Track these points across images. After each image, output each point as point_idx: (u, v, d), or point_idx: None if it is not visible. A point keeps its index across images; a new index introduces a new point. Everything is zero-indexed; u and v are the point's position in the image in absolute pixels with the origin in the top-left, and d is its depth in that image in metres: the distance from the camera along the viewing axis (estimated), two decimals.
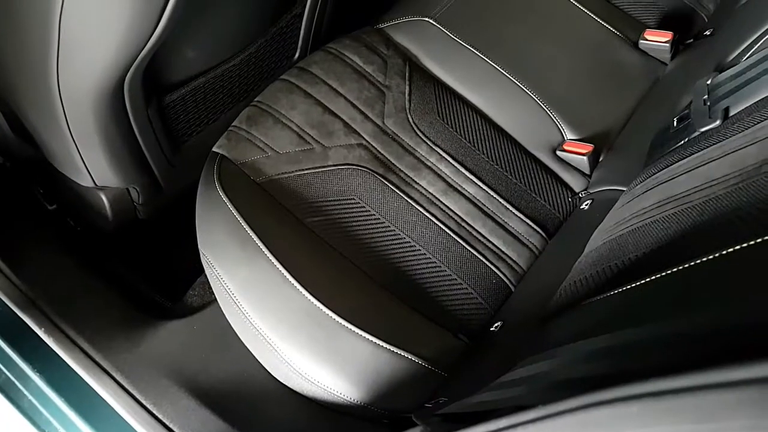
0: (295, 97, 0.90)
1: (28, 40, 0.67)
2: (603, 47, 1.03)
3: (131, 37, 0.65)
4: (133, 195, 0.93)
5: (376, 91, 0.92)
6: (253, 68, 1.00)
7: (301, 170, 0.85)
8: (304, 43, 1.07)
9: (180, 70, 0.85)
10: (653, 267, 0.50)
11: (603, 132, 0.95)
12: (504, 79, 0.96)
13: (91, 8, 0.61)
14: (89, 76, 0.69)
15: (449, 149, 0.89)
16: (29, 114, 0.82)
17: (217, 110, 0.98)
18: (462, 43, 0.98)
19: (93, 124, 0.76)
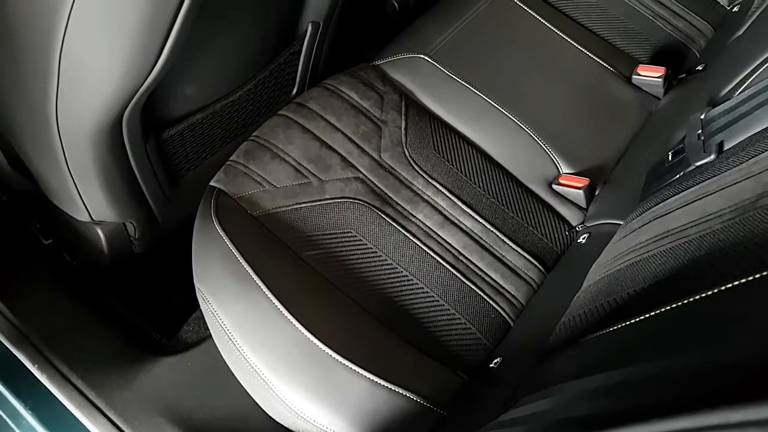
0: (293, 132, 0.91)
1: (28, 76, 0.68)
2: (596, 82, 1.05)
3: (130, 74, 0.65)
4: (130, 229, 0.93)
5: (372, 125, 0.93)
6: (251, 104, 1.01)
7: (298, 204, 0.85)
8: (302, 79, 1.08)
9: (178, 106, 0.86)
10: (652, 302, 0.49)
11: (598, 166, 0.95)
12: (498, 114, 0.97)
13: (91, 46, 0.62)
14: (88, 112, 0.69)
15: (446, 182, 0.89)
16: (28, 149, 0.82)
17: (214, 145, 0.99)
18: (457, 79, 0.99)
19: (91, 159, 0.76)
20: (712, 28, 1.16)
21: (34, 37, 0.63)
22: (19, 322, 0.84)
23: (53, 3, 0.58)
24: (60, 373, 0.81)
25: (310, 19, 0.99)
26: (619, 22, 1.14)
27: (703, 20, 1.16)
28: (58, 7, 0.58)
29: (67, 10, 0.58)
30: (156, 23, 0.61)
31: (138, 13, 0.60)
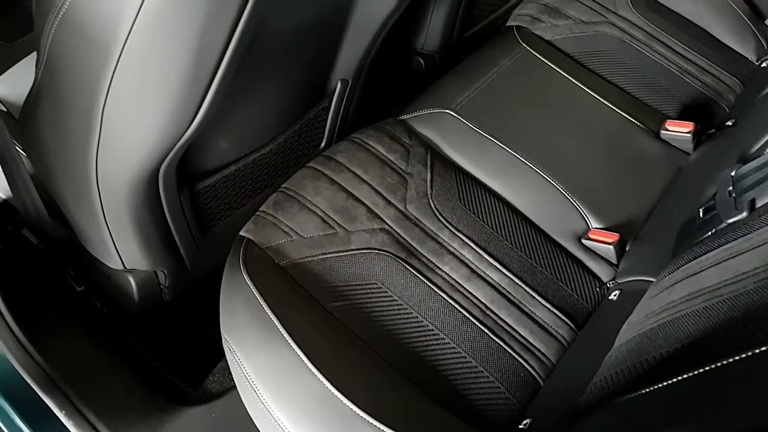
0: (321, 184, 0.92)
1: (71, 133, 0.71)
2: (624, 137, 1.05)
3: (167, 132, 0.68)
4: (160, 278, 0.94)
5: (398, 177, 0.94)
6: (281, 156, 1.04)
7: (324, 254, 0.85)
8: (330, 132, 1.11)
9: (213, 159, 0.89)
10: (685, 364, 0.48)
11: (628, 221, 0.95)
12: (526, 168, 0.97)
13: (133, 102, 0.65)
14: (126, 167, 0.72)
15: (472, 235, 0.89)
16: (66, 199, 0.85)
17: (245, 196, 1.01)
18: (483, 133, 1.00)
19: (127, 210, 0.78)
20: (740, 84, 1.16)
21: (78, 97, 0.66)
22: (49, 367, 0.85)
23: (97, 67, 0.62)
24: (87, 421, 0.81)
25: (340, 76, 1.02)
26: (645, 78, 1.14)
27: (732, 76, 1.17)
28: (101, 71, 0.62)
29: (110, 74, 0.61)
30: (193, 86, 0.64)
31: (176, 77, 0.63)
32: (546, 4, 1.21)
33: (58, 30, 0.63)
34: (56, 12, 0.62)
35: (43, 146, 0.80)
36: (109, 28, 0.59)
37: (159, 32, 0.59)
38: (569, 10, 1.20)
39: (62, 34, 0.63)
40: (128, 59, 0.60)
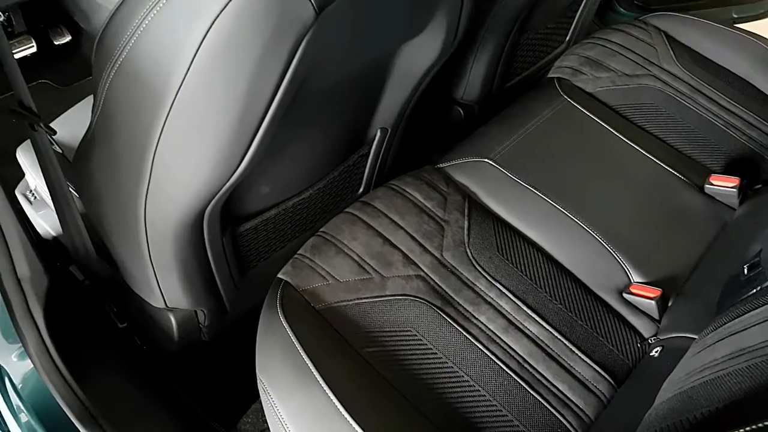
0: (358, 229, 0.93)
1: (122, 176, 0.75)
2: (667, 190, 1.04)
3: (214, 177, 0.70)
4: (200, 317, 0.96)
5: (435, 225, 0.95)
6: (320, 201, 1.06)
7: (359, 299, 0.86)
8: (368, 178, 1.13)
9: (255, 203, 0.91)
10: (727, 424, 0.46)
11: (671, 276, 0.92)
12: (565, 218, 0.97)
13: (182, 149, 0.68)
14: (173, 210, 0.75)
15: (509, 285, 0.88)
16: (114, 239, 0.88)
17: (284, 238, 1.03)
18: (522, 183, 1.00)
19: (172, 251, 0.81)
20: None
21: (132, 142, 0.69)
22: (89, 403, 0.87)
23: (150, 115, 0.65)
24: None
25: (380, 125, 1.04)
26: (689, 131, 1.13)
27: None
28: (154, 119, 0.65)
29: (162, 122, 0.64)
30: (240, 135, 0.67)
31: (224, 127, 0.65)
32: (588, 57, 1.22)
33: (115, 78, 0.67)
34: (113, 61, 0.66)
35: (95, 188, 0.84)
36: (162, 78, 0.62)
37: (209, 84, 0.62)
38: (611, 63, 1.21)
39: (118, 82, 0.67)
40: (179, 109, 0.63)
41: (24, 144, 1.09)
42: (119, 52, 0.64)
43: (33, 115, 0.79)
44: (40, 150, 0.83)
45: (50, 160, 0.83)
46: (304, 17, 0.61)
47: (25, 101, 0.80)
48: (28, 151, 1.07)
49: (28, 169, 1.08)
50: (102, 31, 0.66)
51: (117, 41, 0.64)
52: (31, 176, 1.08)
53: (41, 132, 0.80)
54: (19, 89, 0.79)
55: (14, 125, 1.48)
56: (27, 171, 1.09)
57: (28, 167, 1.08)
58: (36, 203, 1.10)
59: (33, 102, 0.80)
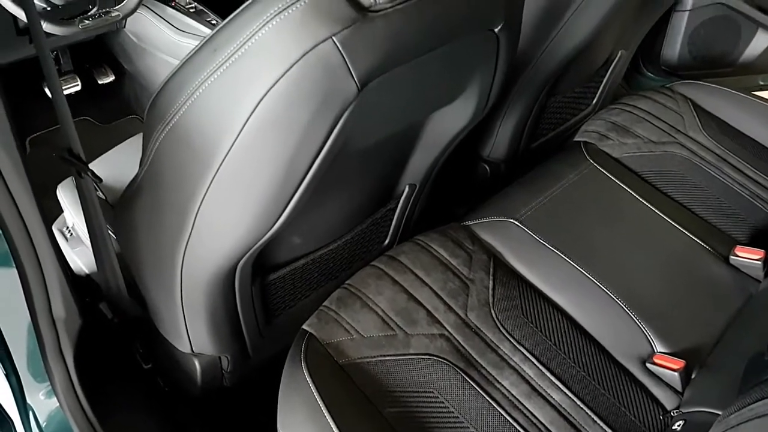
0: (383, 283, 0.95)
1: (164, 226, 0.78)
2: (692, 260, 1.04)
3: (252, 232, 0.73)
4: (224, 363, 0.98)
5: (460, 283, 0.96)
6: (347, 251, 1.08)
7: (382, 356, 0.87)
8: (395, 231, 1.15)
9: (285, 253, 0.94)
10: None
11: (695, 348, 0.92)
12: (590, 284, 0.98)
13: (224, 207, 0.71)
14: (210, 260, 0.77)
15: (534, 350, 0.89)
16: (148, 282, 0.91)
17: (310, 288, 1.05)
18: (547, 245, 1.02)
19: (203, 298, 0.83)
20: None
21: (176, 199, 0.73)
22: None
23: (197, 175, 0.68)
24: None
25: (408, 181, 1.07)
26: (714, 200, 1.14)
27: None
28: (200, 179, 0.68)
29: (208, 182, 0.67)
30: (280, 195, 0.70)
31: (265, 188, 0.68)
32: (614, 122, 1.24)
33: (165, 138, 0.70)
34: (166, 122, 0.69)
35: (135, 235, 0.87)
36: (211, 143, 0.65)
37: (255, 151, 0.65)
38: (638, 129, 1.23)
39: (169, 142, 0.70)
40: (226, 170, 0.66)
41: (65, 182, 1.13)
42: (172, 115, 0.68)
43: (81, 163, 0.82)
44: (85, 195, 0.86)
45: (93, 205, 0.86)
46: (348, 93, 0.64)
47: (74, 148, 0.83)
48: (68, 190, 1.11)
49: (67, 207, 1.12)
50: (157, 93, 0.70)
51: (171, 104, 0.67)
52: (70, 214, 1.11)
53: (87, 179, 0.84)
54: (69, 136, 0.83)
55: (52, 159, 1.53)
56: (66, 208, 1.12)
57: (68, 205, 1.11)
58: (72, 240, 1.14)
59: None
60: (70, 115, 0.85)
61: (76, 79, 1.52)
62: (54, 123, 1.54)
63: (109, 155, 1.17)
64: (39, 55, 0.81)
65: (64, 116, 0.82)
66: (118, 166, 1.12)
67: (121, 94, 1.67)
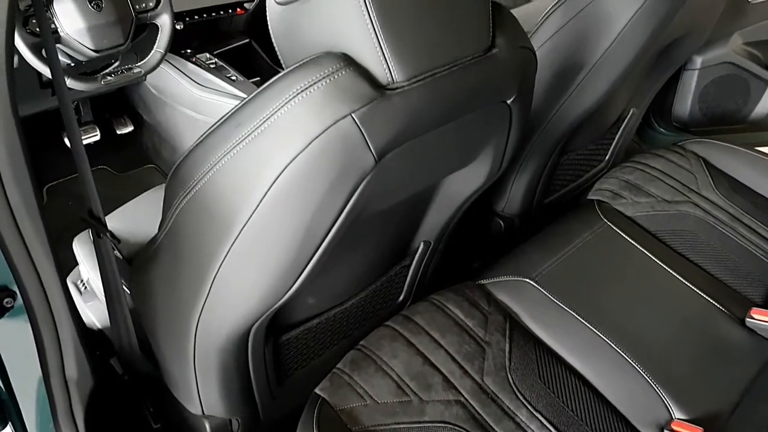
0: (398, 345, 0.94)
1: (181, 288, 0.78)
2: (707, 322, 1.03)
3: (268, 296, 0.73)
4: (234, 425, 0.96)
5: (476, 346, 0.95)
6: (361, 309, 1.08)
7: (397, 423, 0.86)
8: (409, 288, 1.14)
9: (299, 314, 0.93)
10: None
11: (712, 414, 0.91)
12: (607, 347, 0.97)
13: (241, 273, 0.71)
14: (225, 324, 0.77)
15: (551, 417, 0.87)
16: (161, 342, 0.90)
17: (323, 347, 1.04)
18: (563, 307, 1.01)
19: (216, 360, 0.82)
20: None
21: (195, 264, 0.73)
22: None
23: (216, 241, 0.69)
24: None
25: (423, 239, 1.07)
26: (729, 261, 1.14)
27: None
28: (219, 245, 0.69)
29: (227, 249, 0.68)
30: (296, 261, 0.70)
31: (283, 254, 0.69)
32: (627, 181, 1.25)
33: (187, 204, 0.71)
34: (188, 189, 0.70)
35: (152, 295, 0.87)
36: (232, 211, 0.66)
37: (274, 219, 0.66)
38: (651, 188, 1.23)
39: (190, 209, 0.71)
40: (244, 238, 0.67)
41: (81, 235, 1.14)
42: (195, 183, 0.69)
43: (101, 225, 0.83)
44: (102, 255, 0.87)
45: (111, 265, 0.87)
46: (365, 164, 0.65)
47: (95, 210, 0.84)
48: (84, 243, 1.12)
49: (82, 260, 1.13)
50: (181, 161, 0.71)
51: (194, 173, 0.69)
52: (85, 268, 1.12)
53: (106, 240, 0.85)
54: (90, 198, 0.84)
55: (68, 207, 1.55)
56: (81, 262, 1.13)
57: (83, 258, 1.12)
58: (86, 294, 1.14)
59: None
60: (91, 175, 0.86)
61: (96, 130, 1.54)
62: (71, 172, 1.57)
63: (125, 209, 1.19)
64: (61, 110, 0.83)
65: (85, 175, 0.83)
66: (135, 221, 1.13)
67: (139, 144, 1.69)
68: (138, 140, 1.69)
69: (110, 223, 0.93)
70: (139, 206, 1.19)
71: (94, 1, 1.19)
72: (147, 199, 1.19)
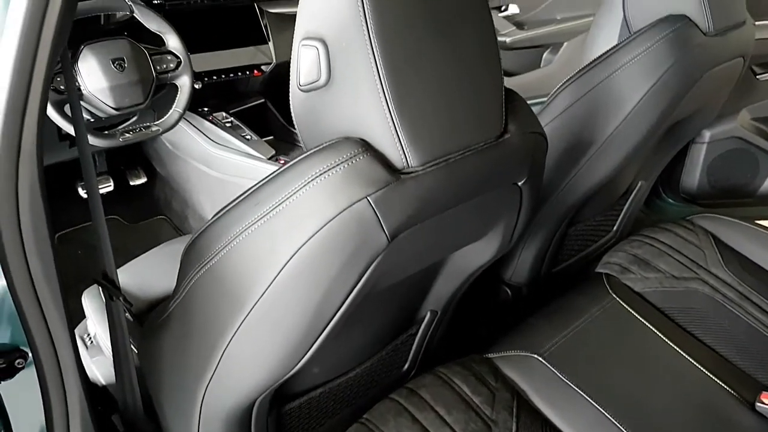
0: (403, 421, 0.93)
1: (190, 358, 0.78)
2: (716, 405, 1.02)
3: (276, 370, 0.73)
4: None
5: (482, 425, 0.94)
6: (365, 378, 1.07)
7: None
8: (414, 356, 1.14)
9: (303, 384, 0.93)
10: None
11: None
12: (615, 429, 0.95)
13: (251, 347, 0.72)
14: (231, 395, 0.77)
15: None
16: (166, 406, 0.90)
17: (326, 416, 1.03)
18: (571, 385, 1.00)
19: (219, 429, 0.82)
20: None
21: (205, 335, 0.74)
22: None
23: (228, 315, 0.70)
24: None
25: (430, 308, 1.07)
26: (738, 341, 1.13)
27: None
28: (231, 319, 0.69)
29: (238, 323, 0.69)
30: (306, 336, 0.71)
31: (293, 329, 0.69)
32: (635, 255, 1.25)
33: (201, 278, 0.72)
34: (204, 263, 0.71)
35: (160, 360, 0.87)
36: (246, 287, 0.67)
37: (287, 296, 0.66)
38: (660, 263, 1.23)
39: (204, 282, 0.72)
40: (256, 314, 0.67)
41: (91, 289, 1.15)
42: (211, 257, 0.70)
43: (115, 288, 0.84)
44: (113, 317, 0.87)
45: (121, 327, 0.87)
46: (378, 244, 0.66)
47: (109, 273, 0.85)
48: (93, 298, 1.12)
49: (90, 315, 1.13)
50: (198, 234, 0.72)
51: (211, 247, 0.70)
52: (93, 323, 1.12)
53: (118, 303, 0.85)
54: (105, 260, 0.85)
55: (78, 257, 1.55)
56: (89, 316, 1.13)
57: (92, 313, 1.12)
58: (92, 348, 1.14)
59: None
60: (108, 235, 0.87)
61: (110, 180, 1.57)
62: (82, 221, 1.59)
63: (135, 264, 1.19)
64: (82, 165, 0.85)
65: (101, 237, 0.84)
66: (145, 277, 1.14)
67: (151, 195, 1.72)
68: (150, 191, 1.71)
69: (120, 277, 0.94)
70: (150, 262, 1.20)
71: (118, 61, 1.23)
72: (157, 255, 1.20)
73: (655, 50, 1.04)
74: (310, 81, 0.66)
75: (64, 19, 0.67)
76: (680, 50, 1.05)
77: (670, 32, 1.05)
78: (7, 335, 0.81)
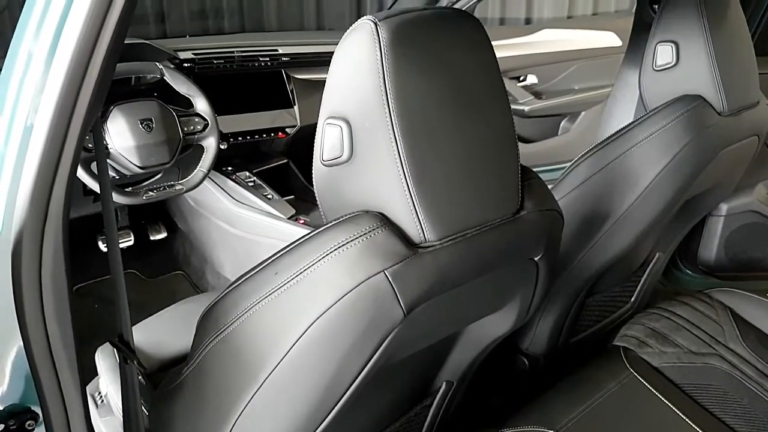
0: None
1: (202, 426, 0.78)
2: None
3: None
4: None
5: None
6: None
7: None
8: (429, 427, 1.11)
9: None
10: None
11: None
12: None
13: (263, 417, 0.71)
14: None
15: None
16: None
17: None
18: None
19: None
20: None
21: (218, 404, 0.73)
22: None
23: (241, 385, 0.70)
24: None
25: (445, 378, 1.06)
26: (756, 420, 1.10)
27: None
28: (244, 389, 0.69)
29: (251, 394, 0.69)
30: (320, 409, 0.70)
31: (306, 401, 0.69)
32: (653, 329, 1.24)
33: (216, 346, 0.73)
34: (219, 331, 0.72)
35: (171, 425, 0.86)
36: (260, 358, 0.67)
37: (301, 367, 0.66)
38: (677, 338, 1.21)
39: (219, 350, 0.73)
40: (270, 385, 0.67)
41: (105, 347, 1.15)
42: (227, 326, 0.70)
43: (129, 351, 0.84)
44: (126, 380, 0.87)
45: (134, 390, 0.87)
46: (394, 317, 0.66)
47: (124, 334, 0.86)
48: (107, 356, 1.13)
49: (103, 374, 1.13)
50: (216, 302, 0.73)
51: (228, 315, 0.70)
52: (105, 382, 1.12)
53: (132, 366, 0.85)
54: (122, 323, 0.86)
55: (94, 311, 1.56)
56: (102, 374, 1.14)
57: (104, 372, 1.12)
58: (102, 408, 1.13)
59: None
60: (126, 298, 0.88)
61: (130, 235, 1.59)
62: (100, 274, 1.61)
63: (150, 323, 1.20)
64: (104, 223, 0.86)
65: (120, 300, 0.85)
66: (159, 336, 1.14)
67: (170, 250, 1.74)
68: (169, 246, 1.74)
69: (135, 334, 0.94)
70: (164, 321, 1.21)
71: (146, 122, 1.27)
72: (172, 314, 1.21)
73: (670, 129, 1.06)
74: (333, 157, 0.68)
75: (101, 86, 0.69)
76: (695, 129, 1.06)
77: (685, 111, 1.07)
78: (18, 395, 0.81)
